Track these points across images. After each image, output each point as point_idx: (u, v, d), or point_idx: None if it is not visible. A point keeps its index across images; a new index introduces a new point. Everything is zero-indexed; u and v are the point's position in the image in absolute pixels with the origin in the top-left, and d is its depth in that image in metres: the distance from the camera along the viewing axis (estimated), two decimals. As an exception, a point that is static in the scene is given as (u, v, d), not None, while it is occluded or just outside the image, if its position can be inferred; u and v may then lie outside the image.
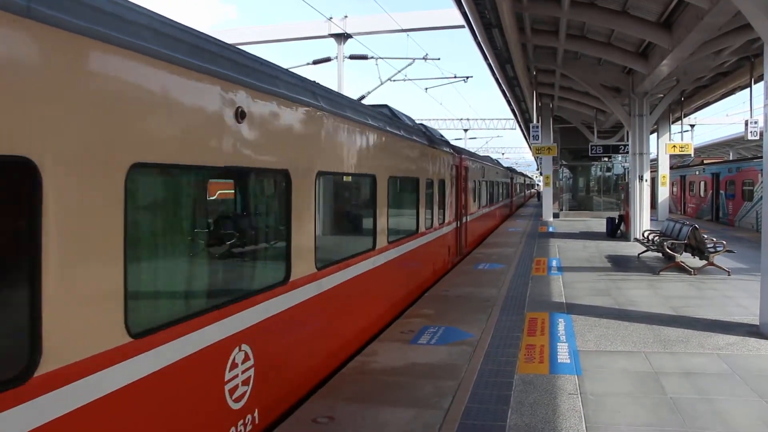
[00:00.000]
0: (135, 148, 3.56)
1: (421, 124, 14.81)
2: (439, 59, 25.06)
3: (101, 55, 3.31)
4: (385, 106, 11.89)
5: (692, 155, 32.09)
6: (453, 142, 21.90)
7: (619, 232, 22.60)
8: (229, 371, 4.56)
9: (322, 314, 6.54)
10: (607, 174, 40.07)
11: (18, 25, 2.80)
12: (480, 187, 21.04)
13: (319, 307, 6.39)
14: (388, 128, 9.13)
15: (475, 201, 19.52)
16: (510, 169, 42.76)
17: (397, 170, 9.60)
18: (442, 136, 17.36)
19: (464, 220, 17.02)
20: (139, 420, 3.57)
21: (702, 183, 32.68)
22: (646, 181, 20.91)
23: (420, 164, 11.29)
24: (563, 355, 7.38)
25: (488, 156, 33.61)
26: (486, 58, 21.14)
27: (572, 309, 9.97)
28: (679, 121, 28.53)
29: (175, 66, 3.94)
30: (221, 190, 6.88)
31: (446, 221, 14.05)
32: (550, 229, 26.42)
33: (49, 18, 2.95)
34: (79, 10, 3.19)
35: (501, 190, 31.17)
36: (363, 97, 19.09)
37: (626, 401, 5.85)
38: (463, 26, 18.58)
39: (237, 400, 4.66)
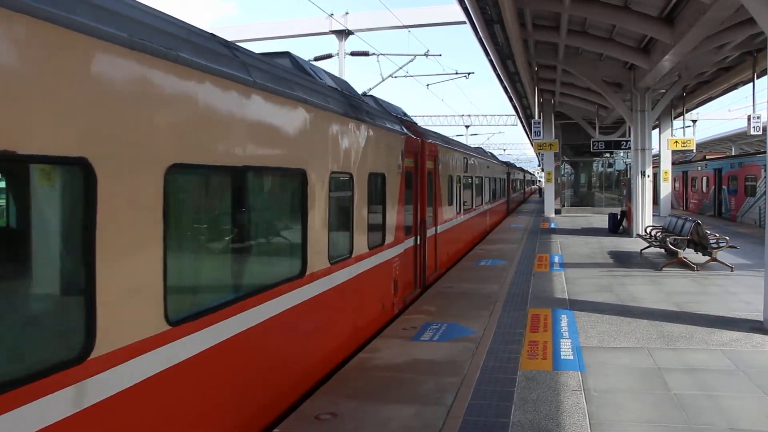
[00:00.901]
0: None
1: (371, 96, 11.46)
2: (440, 56, 25.08)
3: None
4: (287, 53, 7.86)
5: (694, 151, 32.11)
6: (455, 138, 21.23)
7: (621, 228, 22.56)
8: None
9: None
10: (609, 170, 40.04)
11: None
12: (462, 185, 16.73)
13: None
14: (209, 64, 4.47)
15: (451, 204, 15.03)
16: (507, 164, 40.78)
17: (241, 156, 4.94)
18: (405, 115, 12.86)
19: (433, 231, 12.72)
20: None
21: (704, 178, 32.63)
22: (648, 176, 20.86)
23: (317, 147, 6.59)
24: (566, 351, 7.37)
25: (480, 148, 30.37)
26: (487, 54, 21.12)
27: (575, 305, 9.96)
28: (681, 117, 28.48)
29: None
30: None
31: (389, 241, 9.33)
32: (552, 226, 26.40)
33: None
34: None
35: (496, 188, 26.93)
36: (365, 94, 18.94)
37: (630, 397, 5.84)
38: (464, 22, 18.58)
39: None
